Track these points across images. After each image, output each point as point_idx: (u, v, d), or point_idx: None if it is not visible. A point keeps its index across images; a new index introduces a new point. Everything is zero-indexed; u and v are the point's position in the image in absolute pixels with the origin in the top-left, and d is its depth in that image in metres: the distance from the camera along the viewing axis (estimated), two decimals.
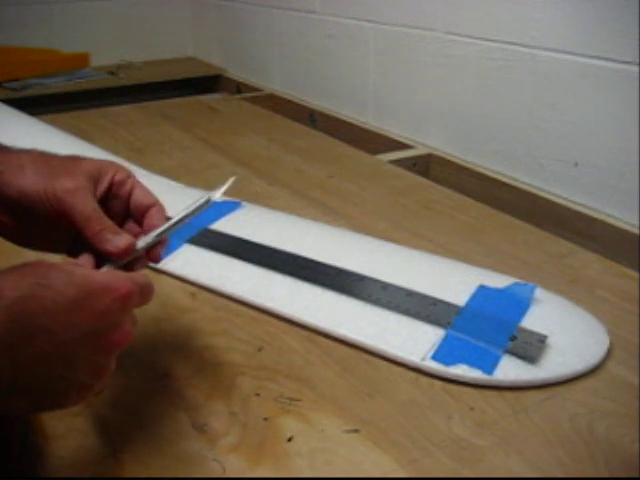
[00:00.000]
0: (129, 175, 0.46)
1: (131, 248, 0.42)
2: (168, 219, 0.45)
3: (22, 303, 0.32)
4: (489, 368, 0.48)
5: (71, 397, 0.36)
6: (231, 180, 0.47)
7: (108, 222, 0.43)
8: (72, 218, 0.42)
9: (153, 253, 0.44)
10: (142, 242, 0.43)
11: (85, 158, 0.45)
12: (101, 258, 0.43)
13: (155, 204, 0.46)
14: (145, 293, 0.39)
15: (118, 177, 0.45)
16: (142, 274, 0.42)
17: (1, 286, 0.33)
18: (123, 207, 0.46)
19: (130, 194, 0.46)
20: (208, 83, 1.68)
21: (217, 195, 0.46)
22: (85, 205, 0.42)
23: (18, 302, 0.32)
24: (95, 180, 0.44)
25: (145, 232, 0.44)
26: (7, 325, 0.32)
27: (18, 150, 0.45)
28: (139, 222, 0.45)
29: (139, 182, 0.46)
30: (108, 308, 0.35)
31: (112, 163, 0.46)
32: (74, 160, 0.45)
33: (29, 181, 0.42)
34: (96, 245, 0.42)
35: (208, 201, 0.45)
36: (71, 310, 0.34)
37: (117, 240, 0.42)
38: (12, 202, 0.43)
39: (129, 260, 0.43)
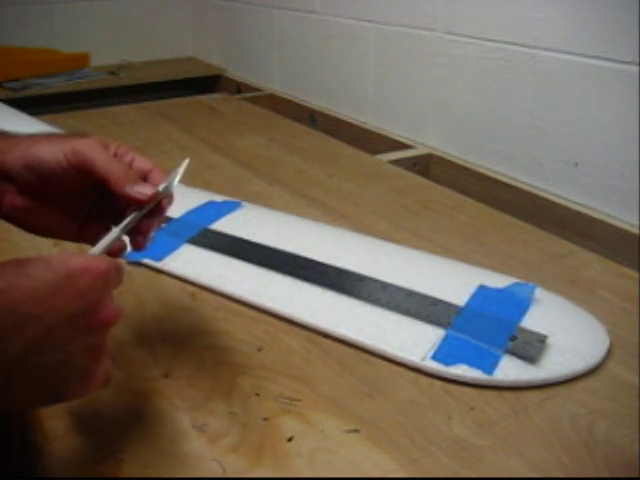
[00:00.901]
0: (129, 148, 0.48)
1: (156, 193, 0.45)
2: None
3: (4, 294, 0.33)
4: (489, 368, 0.48)
5: (74, 384, 0.36)
6: (185, 162, 0.49)
7: (130, 170, 0.45)
8: (94, 169, 0.43)
9: (161, 205, 0.47)
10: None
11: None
12: (114, 221, 0.44)
13: (155, 168, 0.48)
14: (120, 272, 0.39)
15: (120, 150, 0.47)
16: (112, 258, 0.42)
17: None
18: None
19: (132, 162, 0.47)
20: (208, 83, 1.68)
21: (177, 180, 0.48)
22: (105, 156, 0.44)
23: (0, 294, 0.33)
24: (104, 146, 0.46)
25: None
26: None
27: (26, 133, 0.47)
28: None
29: (137, 152, 0.48)
30: (90, 286, 0.36)
31: (110, 140, 0.48)
32: (81, 133, 0.46)
33: (45, 148, 0.44)
34: (122, 192, 0.44)
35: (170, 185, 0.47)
36: (54, 294, 0.34)
37: (142, 187, 0.44)
38: (27, 174, 0.43)
39: (146, 211, 0.45)
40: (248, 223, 0.71)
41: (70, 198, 0.46)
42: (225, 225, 0.70)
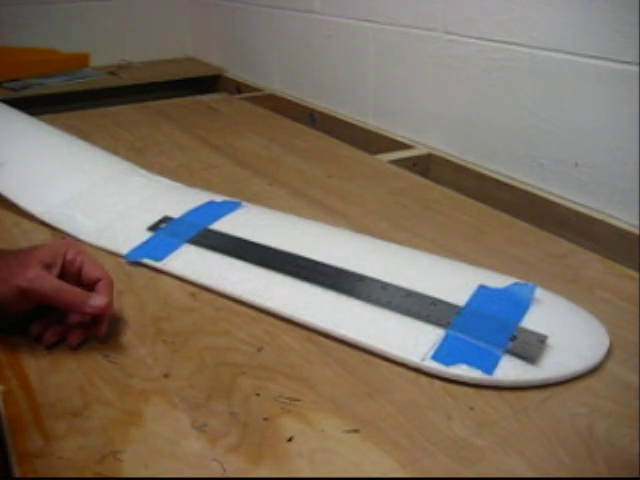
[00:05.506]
0: (78, 252, 0.53)
1: (110, 305, 0.51)
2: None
3: None
4: (489, 368, 0.48)
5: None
6: None
7: (77, 289, 0.50)
8: (45, 299, 0.49)
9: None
10: None
11: (38, 247, 0.52)
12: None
13: (104, 277, 0.52)
14: None
15: (69, 257, 0.52)
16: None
17: None
18: (76, 280, 0.52)
19: (80, 269, 0.52)
20: (208, 83, 1.68)
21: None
22: (52, 284, 0.49)
23: None
24: (49, 265, 0.51)
25: None
26: None
27: None
28: (91, 291, 0.52)
29: (88, 257, 0.53)
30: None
31: (63, 243, 0.53)
32: (28, 252, 0.51)
33: None
34: (74, 312, 0.50)
35: None
36: None
37: (93, 301, 0.49)
38: None
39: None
40: (248, 223, 0.71)
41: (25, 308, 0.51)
42: (225, 225, 0.70)
